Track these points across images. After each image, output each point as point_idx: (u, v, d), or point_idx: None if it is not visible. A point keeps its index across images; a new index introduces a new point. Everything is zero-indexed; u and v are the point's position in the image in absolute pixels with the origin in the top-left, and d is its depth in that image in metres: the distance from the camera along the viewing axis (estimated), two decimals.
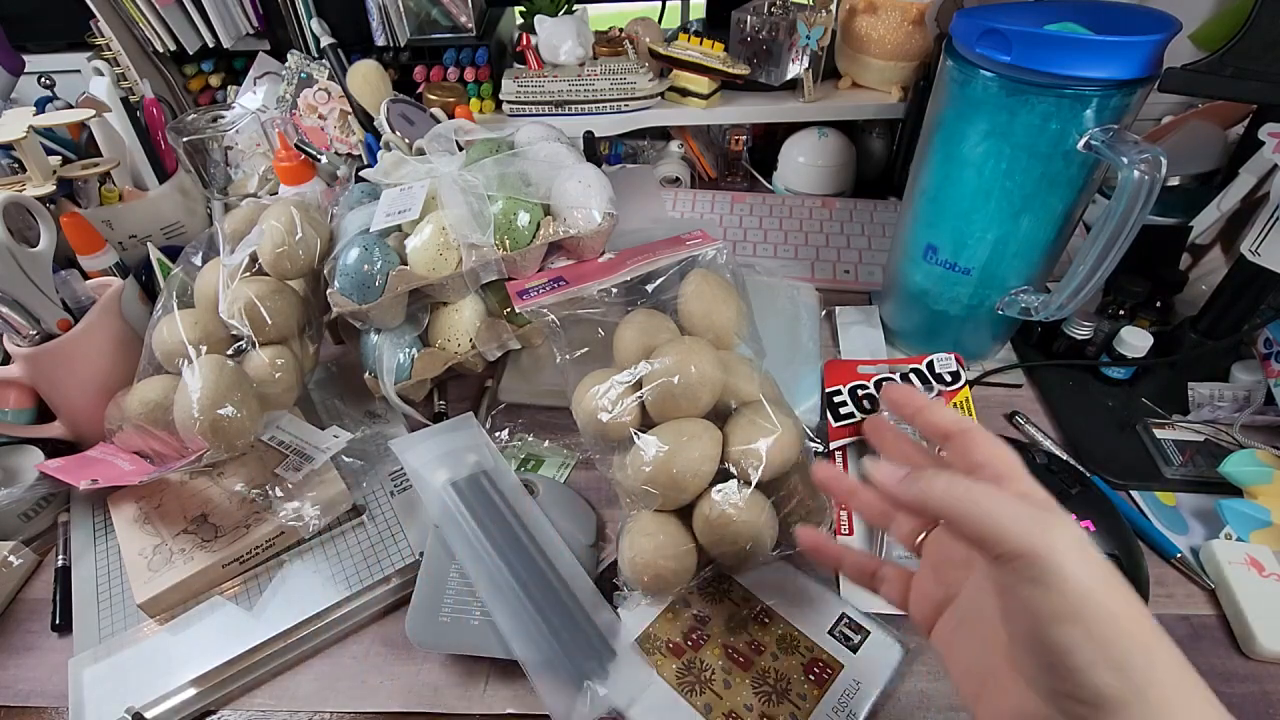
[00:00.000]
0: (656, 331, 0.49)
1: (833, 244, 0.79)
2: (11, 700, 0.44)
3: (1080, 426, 0.58)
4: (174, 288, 0.53)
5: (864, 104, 0.82)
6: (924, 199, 0.57)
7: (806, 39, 0.77)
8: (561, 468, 0.57)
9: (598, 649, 0.43)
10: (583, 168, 0.58)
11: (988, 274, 0.56)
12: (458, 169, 0.57)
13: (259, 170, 0.80)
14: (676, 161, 0.89)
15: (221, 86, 0.88)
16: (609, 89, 0.80)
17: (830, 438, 0.56)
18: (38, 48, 0.81)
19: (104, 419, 0.53)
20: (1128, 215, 0.45)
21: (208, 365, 0.47)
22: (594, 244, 0.59)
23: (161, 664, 0.45)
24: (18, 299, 0.49)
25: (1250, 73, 0.46)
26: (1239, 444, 0.54)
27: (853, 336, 0.67)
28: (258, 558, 0.49)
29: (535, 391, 0.61)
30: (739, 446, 0.46)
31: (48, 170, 0.59)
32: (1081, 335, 0.62)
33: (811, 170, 0.84)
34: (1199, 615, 0.46)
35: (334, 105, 0.81)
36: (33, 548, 0.51)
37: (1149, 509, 0.52)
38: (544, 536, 0.49)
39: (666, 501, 0.46)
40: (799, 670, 0.43)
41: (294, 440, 0.52)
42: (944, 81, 0.52)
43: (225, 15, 0.79)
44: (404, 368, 0.56)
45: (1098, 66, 0.44)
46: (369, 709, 0.43)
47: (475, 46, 0.82)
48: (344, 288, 0.52)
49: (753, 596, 0.47)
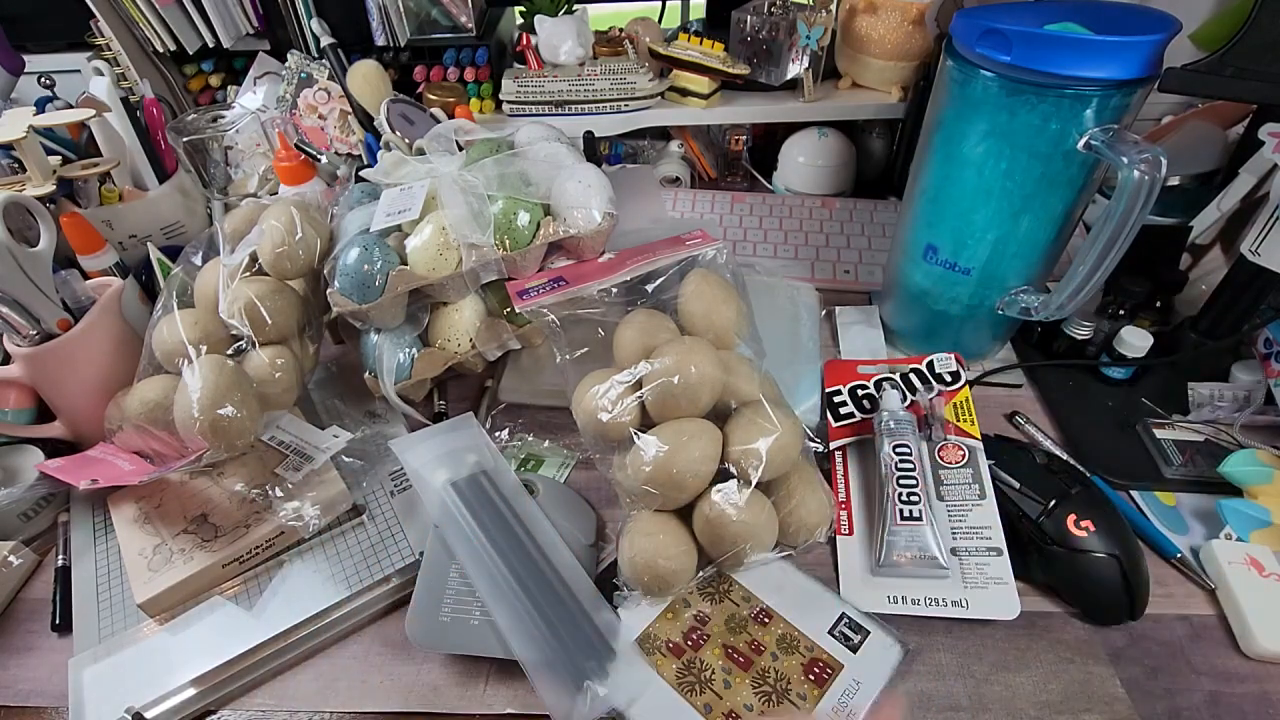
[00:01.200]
0: (656, 331, 0.49)
1: (833, 244, 0.79)
2: (11, 700, 0.44)
3: (1080, 426, 0.58)
4: (174, 288, 0.53)
5: (864, 104, 0.82)
6: (924, 199, 0.57)
7: (806, 39, 0.77)
8: (561, 468, 0.57)
9: (598, 649, 0.43)
10: (583, 168, 0.58)
11: (988, 274, 0.56)
12: (458, 169, 0.57)
13: (259, 170, 0.80)
14: (676, 161, 0.89)
15: (221, 86, 0.87)
16: (609, 89, 0.80)
17: (830, 438, 0.56)
18: (38, 48, 0.81)
19: (104, 419, 0.53)
20: (1128, 215, 0.45)
21: (208, 365, 0.47)
22: (594, 244, 0.59)
23: (161, 664, 0.45)
24: (18, 299, 0.49)
25: (1250, 73, 0.46)
26: (1239, 444, 0.54)
27: (853, 336, 0.67)
28: (258, 558, 0.49)
29: (535, 391, 0.61)
30: (739, 446, 0.46)
31: (48, 170, 0.59)
32: (1081, 335, 0.62)
33: (811, 170, 0.84)
34: (1199, 615, 0.46)
35: (334, 105, 0.81)
36: (33, 548, 0.51)
37: (1149, 509, 0.52)
38: (544, 536, 0.49)
39: (666, 501, 0.46)
40: (799, 670, 0.43)
41: (294, 440, 0.52)
42: (944, 81, 0.52)
43: (225, 15, 0.79)
44: (404, 368, 0.56)
45: (1098, 66, 0.44)
46: (369, 709, 0.43)
47: (475, 46, 0.82)
48: (344, 288, 0.52)
49: (753, 596, 0.47)
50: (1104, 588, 0.45)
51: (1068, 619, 0.46)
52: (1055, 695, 0.42)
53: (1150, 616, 0.46)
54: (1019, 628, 0.46)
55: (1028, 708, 0.42)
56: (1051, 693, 0.43)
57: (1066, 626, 0.46)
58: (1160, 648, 0.45)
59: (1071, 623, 0.46)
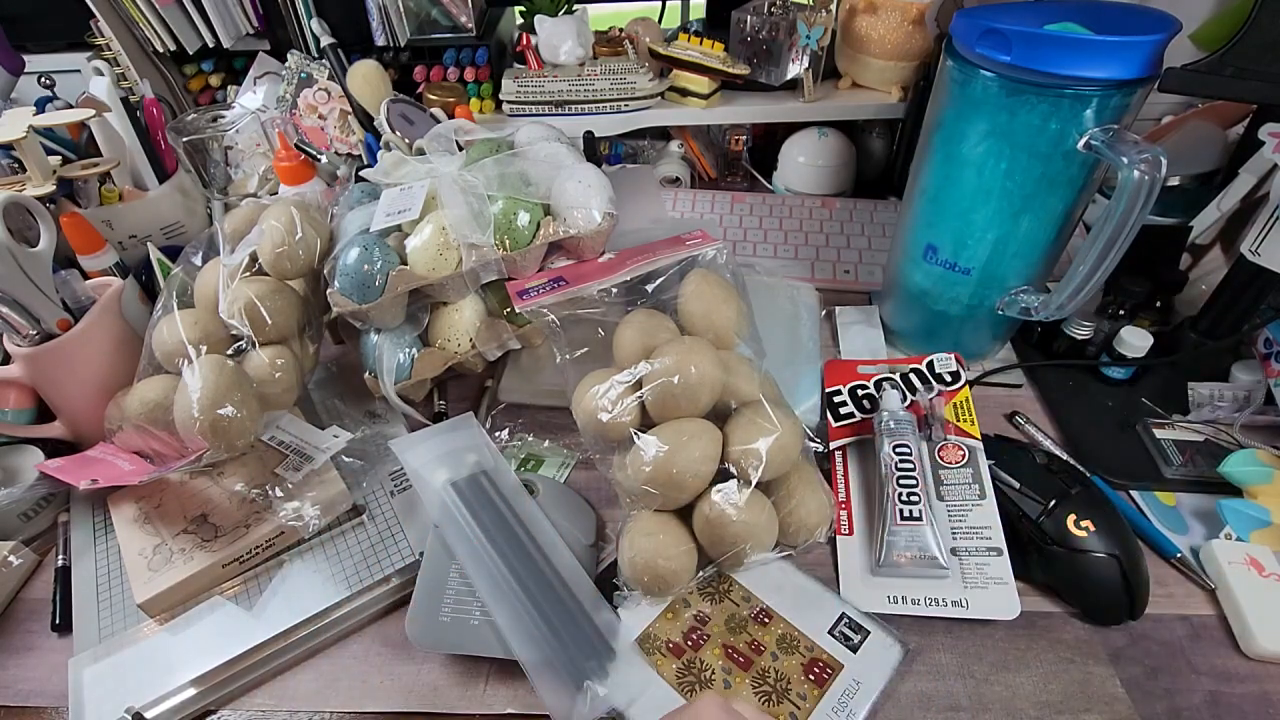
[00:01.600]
0: (656, 331, 0.49)
1: (833, 244, 0.79)
2: (11, 700, 0.44)
3: (1080, 426, 0.58)
4: (174, 288, 0.53)
5: (864, 104, 0.82)
6: (924, 199, 0.57)
7: (806, 39, 0.77)
8: (561, 468, 0.57)
9: (598, 649, 0.43)
10: (583, 168, 0.58)
11: (988, 274, 0.56)
12: (458, 169, 0.57)
13: (259, 170, 0.80)
14: (676, 161, 0.89)
15: (221, 86, 0.87)
16: (609, 89, 0.80)
17: (830, 438, 0.56)
18: (38, 48, 0.81)
19: (104, 419, 0.53)
20: (1128, 215, 0.45)
21: (208, 365, 0.47)
22: (594, 244, 0.59)
23: (161, 664, 0.45)
24: (18, 299, 0.49)
25: (1250, 73, 0.46)
26: (1239, 444, 0.54)
27: (853, 336, 0.67)
28: (258, 558, 0.49)
29: (535, 391, 0.61)
30: (739, 446, 0.46)
31: (48, 170, 0.59)
32: (1081, 335, 0.62)
33: (811, 170, 0.84)
34: (1199, 615, 0.46)
35: (334, 105, 0.81)
36: (33, 548, 0.51)
37: (1149, 509, 0.52)
38: (544, 536, 0.49)
39: (666, 501, 0.46)
40: (799, 670, 0.43)
41: (294, 440, 0.52)
42: (944, 81, 0.52)
43: (225, 15, 0.79)
44: (404, 368, 0.56)
45: (1098, 66, 0.44)
46: (369, 709, 0.43)
47: (475, 46, 0.82)
48: (344, 288, 0.52)
49: (753, 596, 0.47)
50: (1104, 588, 0.45)
51: (1068, 619, 0.46)
52: (1055, 695, 0.42)
53: (1150, 616, 0.46)
54: (1019, 628, 0.46)
55: (1028, 708, 0.42)
56: (1051, 693, 0.43)
57: (1066, 626, 0.46)
58: (1160, 648, 0.45)
59: (1071, 623, 0.46)
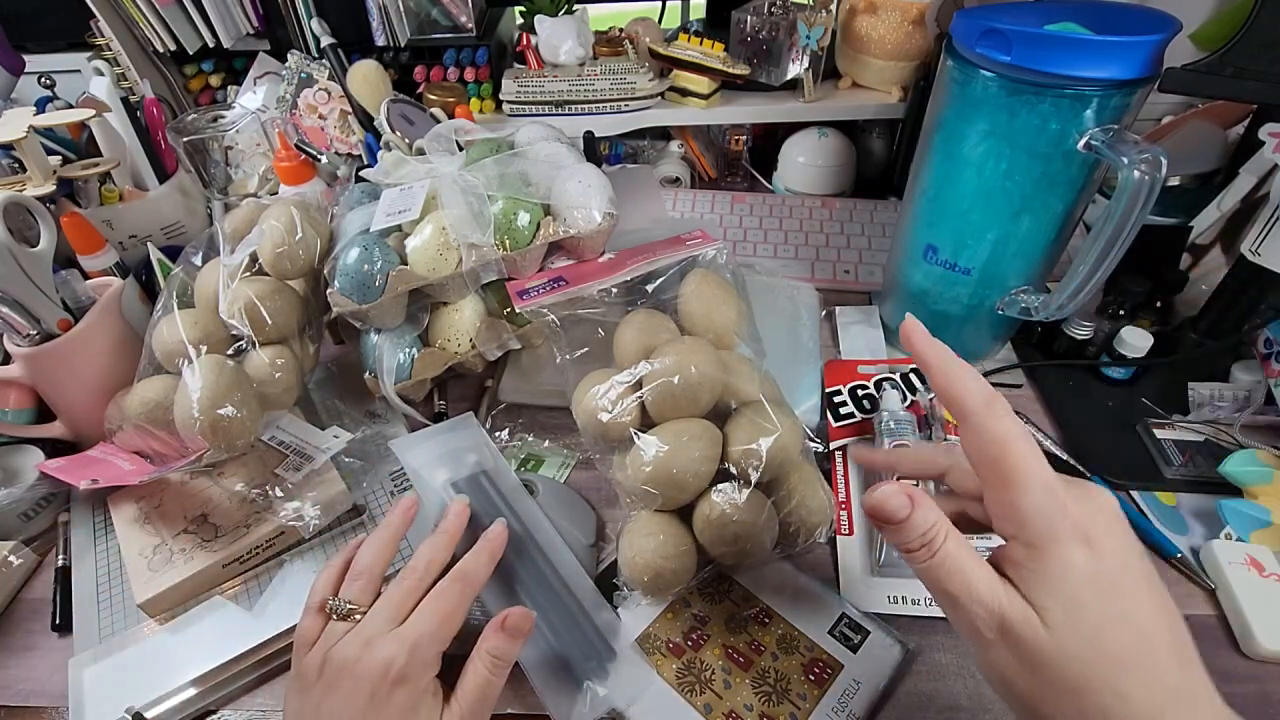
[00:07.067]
0: (656, 331, 0.49)
1: (833, 244, 0.79)
2: (11, 700, 0.44)
3: (1080, 426, 0.58)
4: (174, 288, 0.53)
5: (864, 104, 0.82)
6: (924, 199, 0.57)
7: (806, 39, 0.77)
8: (561, 468, 0.57)
9: (598, 649, 0.43)
10: (583, 168, 0.58)
11: (988, 274, 0.56)
12: (458, 169, 0.57)
13: (259, 170, 0.80)
14: (676, 161, 0.89)
15: (221, 86, 0.88)
16: (609, 89, 0.80)
17: (830, 438, 0.56)
18: (38, 48, 0.81)
19: (104, 419, 0.53)
20: (1128, 215, 0.45)
21: (208, 365, 0.47)
22: (594, 244, 0.59)
23: (161, 664, 0.45)
24: (18, 299, 0.49)
25: (1250, 73, 0.46)
26: (1239, 444, 0.54)
27: (853, 336, 0.67)
28: (258, 558, 0.49)
29: (535, 391, 0.61)
30: (739, 446, 0.46)
31: (48, 170, 0.59)
32: (1082, 335, 0.62)
33: (811, 170, 0.84)
34: (1199, 615, 0.46)
35: (334, 105, 0.81)
36: (33, 548, 0.51)
37: (1149, 509, 0.52)
38: (544, 536, 0.49)
39: (666, 501, 0.45)
40: (799, 670, 0.43)
41: (294, 440, 0.52)
42: (944, 81, 0.52)
43: (225, 15, 0.79)
44: (404, 368, 0.56)
45: (1098, 66, 0.44)
46: None
47: (475, 46, 0.82)
48: (344, 288, 0.52)
49: (753, 596, 0.47)
50: None
51: None
52: None
53: None
54: None
55: None
56: None
57: None
58: None
59: None
